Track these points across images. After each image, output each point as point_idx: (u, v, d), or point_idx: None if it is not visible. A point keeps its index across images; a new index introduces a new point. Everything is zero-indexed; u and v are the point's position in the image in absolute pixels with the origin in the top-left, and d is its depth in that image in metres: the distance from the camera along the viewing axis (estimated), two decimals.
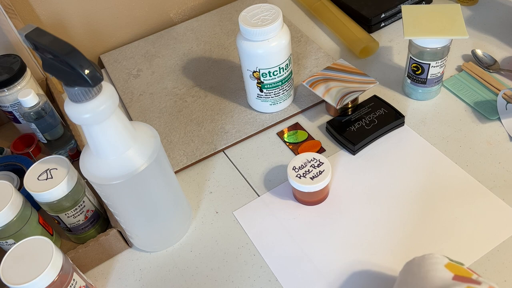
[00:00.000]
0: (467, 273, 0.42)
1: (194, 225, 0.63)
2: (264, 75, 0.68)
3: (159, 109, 0.78)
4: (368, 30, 0.85)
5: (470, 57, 0.79)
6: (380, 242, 0.58)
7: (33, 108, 0.66)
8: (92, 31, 0.89)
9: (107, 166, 0.49)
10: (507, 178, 0.62)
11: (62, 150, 0.73)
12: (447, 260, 0.44)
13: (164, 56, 0.87)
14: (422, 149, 0.67)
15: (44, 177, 0.55)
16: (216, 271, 0.58)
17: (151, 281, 0.59)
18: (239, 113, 0.75)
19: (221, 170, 0.69)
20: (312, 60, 0.82)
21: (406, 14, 0.68)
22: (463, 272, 0.42)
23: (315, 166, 0.61)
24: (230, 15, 0.94)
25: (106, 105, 0.45)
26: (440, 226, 0.58)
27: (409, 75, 0.71)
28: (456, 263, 0.44)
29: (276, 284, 0.56)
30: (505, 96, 0.68)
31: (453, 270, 0.42)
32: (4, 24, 0.73)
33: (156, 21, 0.94)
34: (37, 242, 0.49)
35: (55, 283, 0.48)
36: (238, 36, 0.67)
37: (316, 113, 0.74)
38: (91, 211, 0.60)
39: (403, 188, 0.63)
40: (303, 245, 0.59)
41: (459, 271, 0.42)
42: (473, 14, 0.86)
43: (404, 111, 0.72)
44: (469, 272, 0.43)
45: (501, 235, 0.57)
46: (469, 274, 0.42)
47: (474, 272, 0.43)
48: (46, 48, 0.41)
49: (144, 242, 0.60)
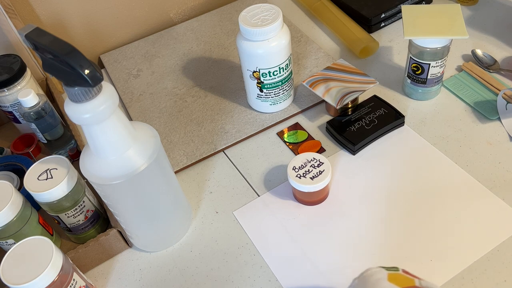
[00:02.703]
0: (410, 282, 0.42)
1: (194, 225, 0.63)
2: (264, 75, 0.68)
3: (159, 109, 0.78)
4: (368, 30, 0.85)
5: (470, 57, 0.79)
6: (380, 242, 0.58)
7: (33, 108, 0.66)
8: (92, 31, 0.89)
9: (107, 166, 0.49)
10: (507, 178, 0.62)
11: (62, 150, 0.73)
12: (385, 272, 0.44)
13: (164, 56, 0.87)
14: (422, 149, 0.67)
15: (44, 177, 0.55)
16: (216, 271, 0.58)
17: (151, 281, 0.59)
18: (239, 113, 0.75)
19: (221, 170, 0.69)
20: (312, 60, 0.82)
21: (406, 14, 0.68)
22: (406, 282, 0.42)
23: (315, 166, 0.61)
24: (230, 15, 0.94)
25: (106, 105, 0.45)
26: (440, 226, 0.58)
27: (409, 75, 0.71)
28: (391, 270, 0.44)
29: (276, 284, 0.56)
30: (505, 96, 0.68)
31: (398, 282, 0.42)
32: (4, 24, 0.73)
33: (156, 21, 0.94)
34: (37, 242, 0.49)
35: (55, 283, 0.48)
36: (238, 36, 0.67)
37: (316, 113, 0.74)
38: (91, 211, 0.60)
39: (403, 188, 0.63)
40: (303, 245, 0.59)
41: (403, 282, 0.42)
42: (473, 14, 0.86)
43: (404, 111, 0.72)
44: (410, 279, 0.42)
45: (501, 235, 0.57)
46: (412, 281, 0.42)
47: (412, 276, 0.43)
48: (46, 48, 0.41)
49: (144, 242, 0.60)
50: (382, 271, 0.44)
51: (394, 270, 0.44)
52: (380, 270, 0.44)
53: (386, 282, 0.42)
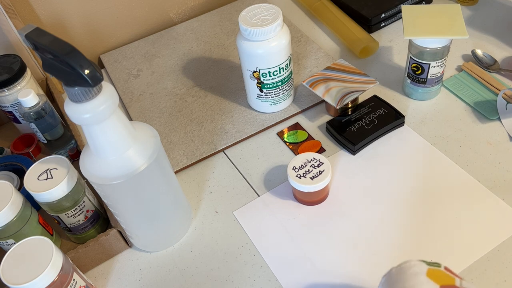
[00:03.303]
0: (450, 280, 0.41)
1: (194, 225, 0.63)
2: (264, 75, 0.68)
3: (159, 109, 0.78)
4: (368, 30, 0.85)
5: (470, 57, 0.79)
6: (380, 242, 0.58)
7: (33, 108, 0.66)
8: (92, 31, 0.89)
9: (107, 166, 0.49)
10: (507, 178, 0.62)
11: (62, 150, 0.73)
12: (425, 267, 0.42)
13: (164, 56, 0.87)
14: (422, 149, 0.67)
15: (44, 177, 0.55)
16: (216, 271, 0.58)
17: (151, 281, 0.59)
18: (239, 113, 0.75)
19: (221, 170, 0.69)
20: (312, 60, 0.82)
21: (406, 14, 0.68)
22: (446, 280, 0.41)
23: (315, 166, 0.61)
24: (230, 15, 0.94)
25: (106, 105, 0.45)
26: (440, 226, 0.58)
27: (409, 75, 0.71)
28: (433, 265, 0.43)
29: (276, 284, 0.56)
30: (505, 96, 0.68)
31: (436, 279, 0.41)
32: (4, 24, 0.73)
33: (156, 21, 0.94)
34: (37, 242, 0.49)
35: (55, 283, 0.48)
36: (238, 36, 0.67)
37: (316, 113, 0.74)
38: (91, 211, 0.60)
39: (403, 188, 0.63)
40: (303, 245, 0.59)
41: (442, 280, 0.41)
42: (473, 14, 0.86)
43: (404, 111, 0.72)
44: (451, 277, 0.41)
45: (501, 235, 0.57)
46: (452, 280, 0.41)
47: (454, 274, 0.42)
48: (46, 48, 0.41)
49: (144, 242, 0.60)
50: (422, 265, 0.43)
51: (435, 266, 0.43)
52: (420, 263, 0.43)
53: (424, 276, 0.41)
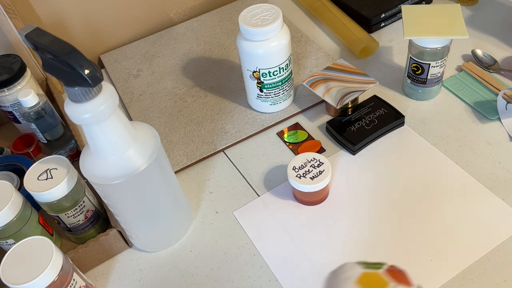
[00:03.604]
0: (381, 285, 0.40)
1: (194, 225, 0.63)
2: (264, 75, 0.68)
3: (159, 109, 0.78)
4: (368, 30, 0.85)
5: (470, 57, 0.79)
6: (380, 242, 0.58)
7: (33, 108, 0.66)
8: (92, 31, 0.89)
9: (107, 166, 0.49)
10: (507, 178, 0.62)
11: (62, 150, 0.73)
12: (360, 271, 0.41)
13: (164, 56, 0.87)
14: (422, 149, 0.67)
15: (44, 177, 0.55)
16: (216, 271, 0.58)
17: (151, 281, 0.59)
18: (239, 113, 0.75)
19: (221, 170, 0.69)
20: (312, 60, 0.82)
21: (406, 14, 0.68)
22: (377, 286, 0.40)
23: (315, 166, 0.61)
24: (230, 15, 0.94)
25: (106, 105, 0.45)
26: (440, 226, 0.58)
27: (409, 75, 0.71)
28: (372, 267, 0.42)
29: (276, 284, 0.56)
30: (505, 96, 0.68)
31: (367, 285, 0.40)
32: (4, 24, 0.73)
33: (156, 21, 0.94)
34: (37, 242, 0.49)
35: (55, 283, 0.48)
36: (238, 36, 0.67)
37: (316, 113, 0.74)
38: (91, 211, 0.60)
39: (403, 188, 0.63)
40: (303, 245, 0.59)
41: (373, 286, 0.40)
42: (473, 14, 0.86)
43: (404, 111, 0.72)
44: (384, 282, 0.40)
45: (501, 235, 0.57)
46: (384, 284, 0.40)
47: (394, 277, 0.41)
48: (46, 48, 0.41)
49: (144, 242, 0.60)
50: (357, 269, 0.41)
51: (375, 268, 0.41)
52: (355, 267, 0.42)
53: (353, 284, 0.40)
